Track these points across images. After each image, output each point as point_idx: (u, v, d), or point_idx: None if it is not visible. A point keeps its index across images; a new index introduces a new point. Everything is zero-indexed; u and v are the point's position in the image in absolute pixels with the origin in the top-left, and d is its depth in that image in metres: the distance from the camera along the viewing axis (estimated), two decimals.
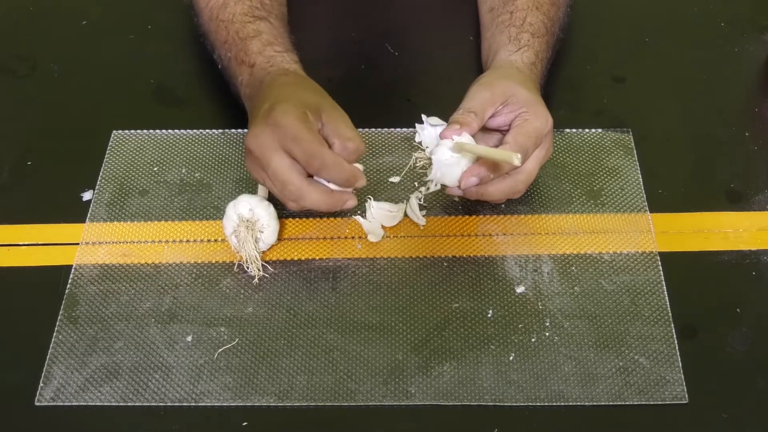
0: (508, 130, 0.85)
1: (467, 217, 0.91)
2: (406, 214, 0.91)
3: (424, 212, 0.91)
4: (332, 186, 0.82)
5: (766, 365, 0.81)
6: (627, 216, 0.91)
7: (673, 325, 0.83)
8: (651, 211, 0.91)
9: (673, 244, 0.89)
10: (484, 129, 0.87)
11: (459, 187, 0.84)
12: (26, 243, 0.90)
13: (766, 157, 0.96)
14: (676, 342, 0.81)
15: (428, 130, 0.86)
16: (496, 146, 0.86)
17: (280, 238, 0.89)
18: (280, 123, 0.81)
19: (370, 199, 0.90)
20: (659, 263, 0.87)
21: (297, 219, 0.91)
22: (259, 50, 0.93)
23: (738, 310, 0.84)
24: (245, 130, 0.97)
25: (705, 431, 0.78)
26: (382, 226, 0.90)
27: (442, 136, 0.84)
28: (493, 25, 0.98)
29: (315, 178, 0.83)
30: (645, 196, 0.92)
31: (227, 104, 1.00)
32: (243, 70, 0.93)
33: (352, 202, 0.83)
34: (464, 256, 0.88)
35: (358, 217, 0.90)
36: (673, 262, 0.87)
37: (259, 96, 0.88)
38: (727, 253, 0.88)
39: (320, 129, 0.82)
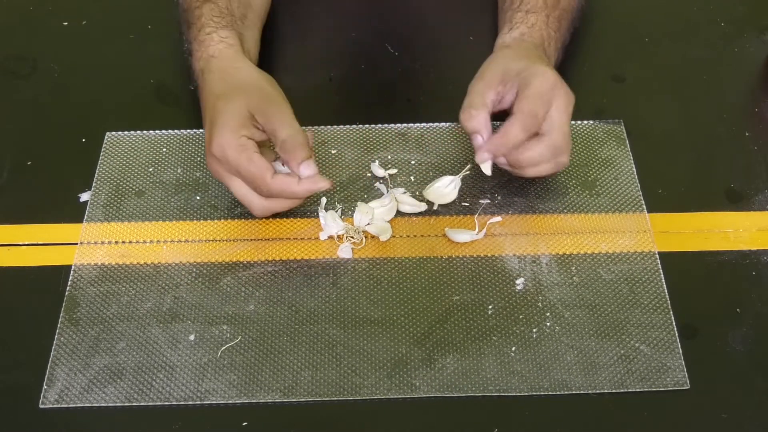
0: None
1: (467, 217, 0.91)
2: (399, 210, 0.91)
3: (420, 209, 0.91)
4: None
5: (766, 365, 0.81)
6: (622, 204, 0.91)
7: (672, 312, 0.83)
8: (651, 211, 0.91)
9: (673, 244, 0.89)
10: (505, 114, 0.87)
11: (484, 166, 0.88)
12: (25, 243, 0.90)
13: (766, 157, 0.96)
14: (675, 329, 0.82)
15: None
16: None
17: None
18: (220, 156, 0.84)
19: (363, 206, 0.90)
20: (656, 251, 0.87)
21: (297, 219, 0.91)
22: (194, 36, 0.93)
23: (738, 310, 0.84)
24: None
25: (706, 418, 0.78)
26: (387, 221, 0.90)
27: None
28: (500, 16, 0.98)
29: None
30: (639, 185, 0.92)
31: None
32: (190, 61, 0.94)
33: (323, 184, 0.84)
34: (462, 253, 0.88)
35: (365, 227, 0.90)
36: (673, 262, 0.87)
37: (201, 99, 0.90)
38: (727, 253, 0.88)
39: (263, 128, 0.84)
